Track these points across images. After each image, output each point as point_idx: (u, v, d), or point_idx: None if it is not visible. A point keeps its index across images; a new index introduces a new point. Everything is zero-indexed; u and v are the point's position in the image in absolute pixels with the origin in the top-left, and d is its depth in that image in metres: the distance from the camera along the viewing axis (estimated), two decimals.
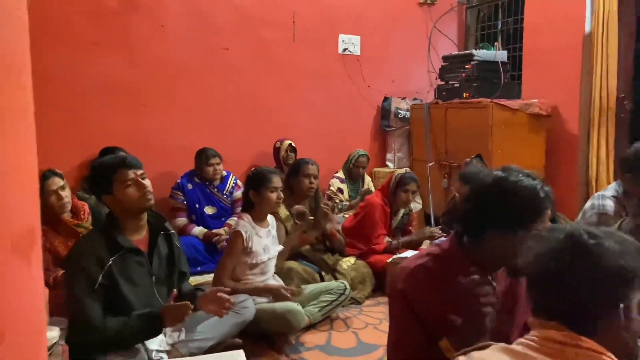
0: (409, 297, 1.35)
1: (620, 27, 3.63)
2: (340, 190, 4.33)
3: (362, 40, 4.68)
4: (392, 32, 4.80)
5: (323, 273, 3.01)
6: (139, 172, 1.94)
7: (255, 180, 2.52)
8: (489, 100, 3.89)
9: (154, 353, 1.90)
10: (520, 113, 3.90)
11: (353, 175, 4.32)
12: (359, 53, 4.67)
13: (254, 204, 2.54)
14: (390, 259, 3.03)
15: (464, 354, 1.04)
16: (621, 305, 0.92)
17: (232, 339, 2.23)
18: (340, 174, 4.38)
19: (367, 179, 4.48)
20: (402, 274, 1.40)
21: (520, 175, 1.31)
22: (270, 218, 2.66)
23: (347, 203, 4.24)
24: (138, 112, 3.89)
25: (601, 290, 0.91)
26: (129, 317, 1.84)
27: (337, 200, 4.26)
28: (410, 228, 3.62)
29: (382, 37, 4.76)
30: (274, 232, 2.65)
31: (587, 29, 3.77)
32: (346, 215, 3.86)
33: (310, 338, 2.49)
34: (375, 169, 4.75)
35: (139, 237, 1.99)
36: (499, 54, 4.16)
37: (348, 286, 2.74)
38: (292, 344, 2.39)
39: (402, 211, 3.46)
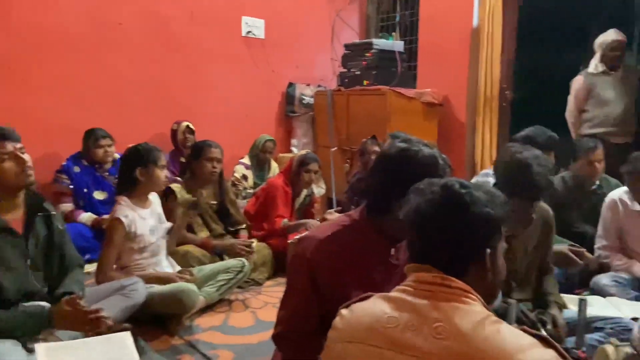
0: (315, 267, 1.34)
1: (504, 22, 3.95)
2: (245, 177, 4.26)
3: (266, 24, 4.63)
4: (297, 18, 4.80)
5: (225, 256, 2.94)
6: (18, 145, 1.80)
7: (144, 157, 2.37)
8: (387, 88, 4.05)
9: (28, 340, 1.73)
10: (415, 101, 4.11)
11: (260, 160, 4.27)
12: (263, 37, 4.62)
13: (136, 183, 2.38)
14: (292, 240, 3.03)
15: (346, 307, 1.05)
16: (487, 250, 0.99)
17: (121, 324, 2.10)
18: (246, 160, 4.30)
19: (274, 165, 4.45)
20: (310, 243, 1.37)
21: (421, 145, 1.36)
22: (153, 196, 2.51)
23: (252, 191, 4.18)
24: (16, 87, 3.51)
25: (470, 235, 0.98)
26: (15, 309, 1.72)
27: (241, 188, 4.18)
28: (313, 210, 3.66)
29: (287, 22, 4.74)
30: (158, 209, 2.52)
31: (475, 23, 4.06)
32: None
33: (207, 320, 2.42)
34: (281, 155, 4.74)
35: (14, 217, 1.84)
36: (397, 44, 4.34)
37: (246, 263, 2.69)
38: (185, 325, 2.30)
39: (304, 192, 3.48)
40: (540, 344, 0.88)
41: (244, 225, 3.32)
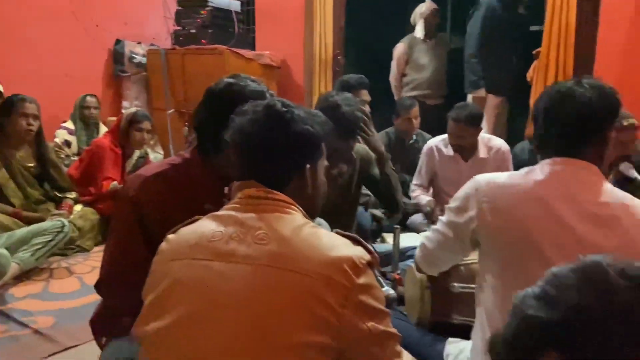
0: (141, 204, 1.28)
1: None
2: (67, 143, 3.83)
3: None
4: None
5: None
6: None
7: None
8: (225, 47, 3.98)
9: None
10: (253, 62, 4.11)
11: (85, 119, 3.87)
12: None
13: None
14: None
15: (174, 232, 1.03)
16: (307, 166, 1.04)
17: None
18: (69, 125, 3.86)
19: (103, 128, 4.07)
20: (136, 181, 1.31)
21: (248, 80, 1.36)
22: None
23: (76, 158, 3.78)
24: None
25: (290, 151, 1.03)
26: None
27: (63, 155, 3.75)
28: None
29: None
30: None
31: None
32: None
33: (23, 288, 2.17)
34: (110, 118, 4.36)
35: None
36: (233, 4, 4.27)
37: (66, 223, 2.45)
38: None
39: (136, 154, 3.27)
40: (351, 243, 0.96)
41: (73, 195, 3.01)
